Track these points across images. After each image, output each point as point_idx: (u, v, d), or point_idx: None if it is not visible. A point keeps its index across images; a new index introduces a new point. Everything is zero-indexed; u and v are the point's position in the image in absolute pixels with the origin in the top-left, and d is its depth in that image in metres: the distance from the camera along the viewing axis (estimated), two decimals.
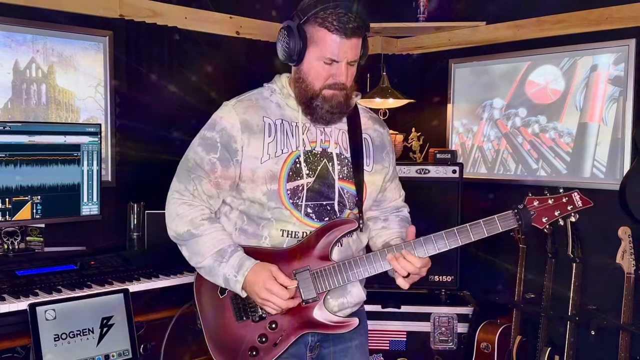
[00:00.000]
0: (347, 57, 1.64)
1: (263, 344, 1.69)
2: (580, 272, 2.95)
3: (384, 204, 1.93)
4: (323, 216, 1.72)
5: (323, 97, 1.67)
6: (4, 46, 2.70)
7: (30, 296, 2.16)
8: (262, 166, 1.68)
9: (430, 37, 3.75)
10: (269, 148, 1.69)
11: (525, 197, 1.69)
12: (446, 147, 3.67)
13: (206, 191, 1.72)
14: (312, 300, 1.67)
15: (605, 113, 3.07)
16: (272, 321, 1.69)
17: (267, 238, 1.72)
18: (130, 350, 2.25)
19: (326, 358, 1.82)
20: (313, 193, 1.71)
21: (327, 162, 1.74)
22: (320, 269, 1.67)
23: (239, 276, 1.64)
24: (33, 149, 2.57)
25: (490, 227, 1.65)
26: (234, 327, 1.72)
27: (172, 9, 3.14)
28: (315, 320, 1.69)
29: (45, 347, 2.08)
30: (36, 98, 2.81)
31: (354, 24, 1.62)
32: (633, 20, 2.91)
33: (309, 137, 1.73)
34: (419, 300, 3.20)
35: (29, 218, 2.59)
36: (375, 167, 1.82)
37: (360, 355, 1.86)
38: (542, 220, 1.67)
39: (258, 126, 1.70)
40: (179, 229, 1.72)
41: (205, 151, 1.71)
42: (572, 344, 2.95)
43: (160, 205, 2.84)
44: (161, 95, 3.10)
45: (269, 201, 1.69)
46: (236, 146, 1.68)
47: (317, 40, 1.64)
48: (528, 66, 3.35)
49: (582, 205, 1.68)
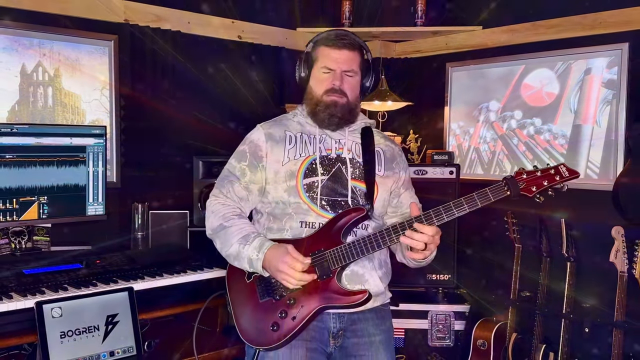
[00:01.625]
0: (341, 67, 1.90)
1: (283, 318, 1.82)
2: (575, 271, 2.95)
3: (401, 209, 2.03)
4: (337, 209, 1.88)
5: (325, 103, 1.91)
6: (11, 50, 2.70)
7: (37, 294, 2.16)
8: (283, 167, 1.91)
9: (427, 42, 3.76)
10: (289, 153, 1.93)
11: (514, 171, 1.76)
12: (443, 149, 3.67)
13: (237, 193, 1.94)
14: (325, 276, 1.80)
15: (598, 115, 3.07)
16: (291, 297, 1.83)
17: (288, 230, 1.90)
18: (134, 347, 2.25)
19: (350, 349, 1.92)
20: (327, 189, 1.89)
21: (341, 165, 1.94)
22: (334, 249, 1.81)
23: (259, 254, 1.80)
24: (40, 150, 2.58)
25: (482, 198, 1.73)
26: (258, 306, 1.87)
27: (175, 13, 3.15)
28: (329, 295, 1.81)
29: (52, 344, 2.08)
30: (43, 101, 2.81)
31: (347, 40, 1.91)
32: (626, 25, 2.91)
33: (325, 145, 1.96)
34: (417, 298, 3.21)
35: (36, 218, 2.59)
36: (386, 173, 1.99)
37: (384, 351, 1.95)
38: (532, 189, 1.73)
39: (280, 137, 1.96)
40: (213, 224, 1.92)
41: (237, 161, 1.97)
42: (566, 340, 2.95)
43: (164, 206, 2.86)
44: (165, 97, 3.11)
45: (289, 197, 1.89)
46: (261, 154, 1.94)
47: (318, 56, 1.94)
48: (523, 70, 3.36)
49: (568, 175, 1.73)
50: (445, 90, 3.71)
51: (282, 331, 1.81)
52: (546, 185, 1.72)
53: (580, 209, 3.01)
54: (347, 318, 1.90)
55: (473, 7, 3.57)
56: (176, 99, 3.14)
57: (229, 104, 3.33)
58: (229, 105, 3.34)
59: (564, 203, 2.82)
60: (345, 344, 1.91)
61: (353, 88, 1.94)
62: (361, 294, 1.79)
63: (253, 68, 3.41)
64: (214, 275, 2.53)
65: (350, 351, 1.91)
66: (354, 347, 1.91)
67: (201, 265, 2.61)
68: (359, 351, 1.91)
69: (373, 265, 1.90)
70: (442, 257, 3.11)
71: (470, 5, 3.59)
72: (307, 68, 1.97)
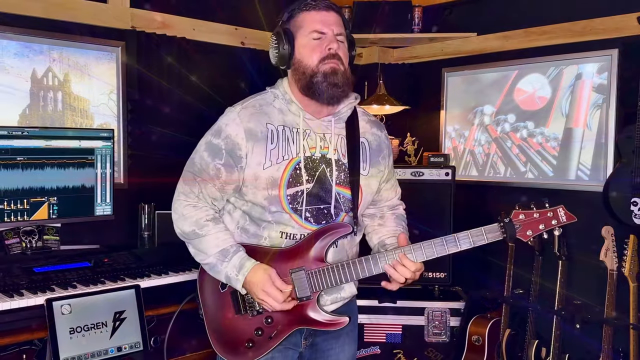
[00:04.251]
0: (333, 29, 1.65)
1: (259, 336, 1.70)
2: (566, 269, 2.96)
3: (380, 203, 1.92)
4: (320, 219, 1.71)
5: (323, 73, 1.63)
6: (22, 56, 2.70)
7: (47, 292, 2.16)
8: (264, 172, 1.66)
9: (424, 48, 3.76)
10: (271, 155, 1.67)
11: (512, 211, 1.66)
12: (439, 151, 3.67)
13: (211, 194, 1.72)
14: (306, 298, 1.67)
15: (589, 119, 3.07)
16: (268, 316, 1.70)
17: (267, 238, 1.72)
18: (141, 342, 2.26)
19: (319, 345, 1.82)
20: (311, 197, 1.69)
21: (326, 167, 1.72)
22: (315, 270, 1.67)
23: (239, 276, 1.66)
24: (50, 152, 2.58)
25: (477, 238, 1.65)
26: (233, 320, 1.74)
27: (181, 20, 3.15)
28: (308, 318, 1.70)
29: (62, 340, 2.08)
30: (53, 105, 2.81)
31: (328, 1, 1.67)
32: (616, 31, 2.91)
33: (309, 143, 1.71)
34: (414, 295, 3.21)
35: (46, 218, 2.59)
36: (371, 171, 1.79)
37: (350, 341, 1.88)
38: (527, 234, 1.65)
39: (262, 133, 1.67)
40: (185, 228, 1.73)
41: (211, 157, 1.69)
42: (558, 336, 2.95)
43: (170, 206, 2.85)
44: (170, 101, 3.11)
45: (270, 205, 1.68)
46: (240, 153, 1.66)
47: (301, 24, 1.66)
48: (516, 75, 3.36)
49: (566, 220, 1.66)
50: (441, 94, 3.71)
51: (258, 349, 1.70)
52: (542, 230, 1.66)
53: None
54: None
55: (468, 14, 3.57)
56: (181, 103, 3.14)
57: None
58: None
59: (556, 203, 2.81)
60: (315, 342, 1.82)
61: (345, 56, 1.68)
62: (342, 322, 1.70)
63: (255, 72, 3.41)
64: None
65: (320, 347, 1.83)
66: (324, 343, 1.83)
67: None
68: (328, 346, 1.83)
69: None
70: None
71: (465, 12, 3.60)
72: (289, 41, 1.66)
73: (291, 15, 1.69)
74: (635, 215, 2.61)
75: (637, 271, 2.69)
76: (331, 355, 1.84)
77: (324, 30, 1.64)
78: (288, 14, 1.70)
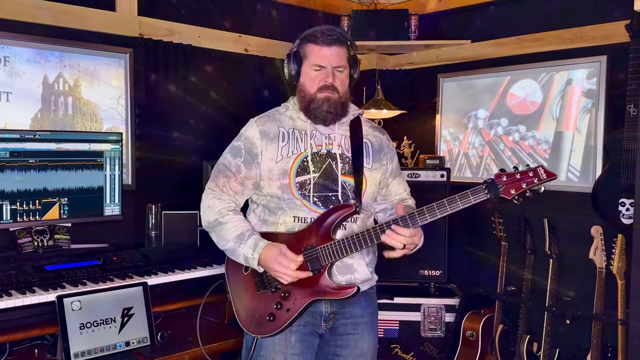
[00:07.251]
0: (332, 63, 1.84)
1: (278, 310, 1.83)
2: (557, 267, 2.96)
3: (390, 197, 2.04)
4: (328, 204, 1.86)
5: (319, 100, 1.85)
6: (34, 62, 2.71)
7: (58, 289, 2.17)
8: (276, 165, 1.86)
9: (420, 54, 3.76)
10: (282, 150, 1.88)
11: (495, 173, 1.72)
12: (435, 154, 3.67)
13: (233, 188, 1.91)
14: (317, 271, 1.80)
15: (579, 123, 3.07)
16: (286, 291, 1.83)
17: (282, 224, 1.88)
18: (148, 337, 2.26)
19: (338, 328, 1.93)
20: (319, 186, 1.86)
21: (332, 161, 1.89)
22: (325, 245, 1.80)
23: (255, 254, 1.80)
24: (60, 155, 2.59)
25: (464, 200, 1.72)
26: (255, 297, 1.88)
27: (186, 28, 3.15)
28: (320, 289, 1.81)
29: (72, 335, 2.09)
30: (63, 109, 2.82)
31: (335, 36, 1.85)
32: (605, 39, 2.91)
33: (316, 141, 1.90)
34: (410, 292, 3.21)
35: (57, 218, 2.60)
36: (374, 165, 1.95)
37: (368, 330, 1.97)
38: (510, 192, 1.69)
39: (274, 134, 1.89)
40: (209, 218, 1.90)
41: (233, 156, 1.91)
42: (549, 332, 2.95)
43: (176, 208, 2.85)
44: (177, 106, 3.11)
45: (283, 193, 1.86)
46: (256, 151, 1.88)
47: (307, 54, 1.87)
48: (509, 80, 3.36)
49: (546, 177, 1.68)
50: (437, 99, 3.71)
51: (277, 322, 1.83)
52: (524, 188, 1.68)
53: (562, 209, 3.01)
54: (337, 303, 1.90)
55: (462, 22, 3.57)
56: (187, 107, 3.14)
57: (236, 112, 3.31)
58: (236, 113, 3.32)
59: (547, 204, 2.82)
60: (335, 325, 1.92)
61: (343, 82, 1.88)
62: (350, 289, 1.80)
63: (258, 77, 3.41)
64: (222, 271, 2.52)
65: (339, 331, 1.93)
66: (342, 327, 1.92)
67: (210, 261, 2.61)
68: (346, 331, 1.93)
69: (361, 254, 1.89)
70: (433, 254, 3.16)
71: (459, 20, 3.60)
72: (297, 65, 1.88)
73: (303, 40, 1.89)
74: (623, 215, 2.61)
75: (624, 269, 2.69)
76: (350, 340, 1.94)
77: (323, 64, 1.84)
78: (300, 41, 1.90)
